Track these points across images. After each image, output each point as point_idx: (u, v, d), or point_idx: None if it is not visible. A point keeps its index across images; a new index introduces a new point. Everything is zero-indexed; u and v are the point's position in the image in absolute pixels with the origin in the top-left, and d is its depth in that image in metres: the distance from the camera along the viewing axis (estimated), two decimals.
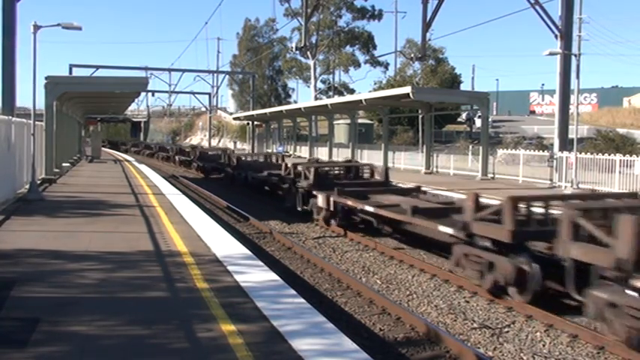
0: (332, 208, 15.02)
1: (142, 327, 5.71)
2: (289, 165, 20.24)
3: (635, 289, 6.87)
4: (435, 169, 32.08)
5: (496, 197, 13.16)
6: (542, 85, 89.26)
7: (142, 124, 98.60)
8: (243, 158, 29.85)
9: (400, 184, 18.47)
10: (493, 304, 9.04)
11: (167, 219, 12.82)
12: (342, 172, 19.07)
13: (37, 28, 16.84)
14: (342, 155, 43.85)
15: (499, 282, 9.00)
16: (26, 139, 17.68)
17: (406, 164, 35.62)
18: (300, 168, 18.67)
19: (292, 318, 6.02)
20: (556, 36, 26.45)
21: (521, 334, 7.86)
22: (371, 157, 39.46)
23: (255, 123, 59.78)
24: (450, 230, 10.24)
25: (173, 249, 9.53)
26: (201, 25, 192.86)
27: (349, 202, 14.32)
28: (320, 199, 15.56)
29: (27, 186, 17.08)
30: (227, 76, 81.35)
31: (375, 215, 13.66)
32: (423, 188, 16.46)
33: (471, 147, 36.23)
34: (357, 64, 67.36)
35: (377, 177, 18.32)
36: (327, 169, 19.01)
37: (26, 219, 12.52)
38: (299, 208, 17.61)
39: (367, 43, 66.53)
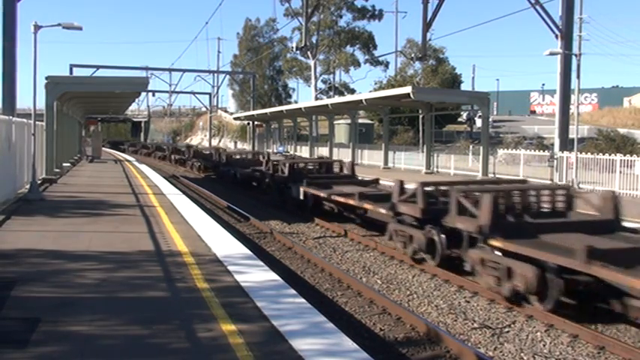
0: (302, 197, 17.25)
1: (142, 327, 5.72)
2: (269, 161, 22.04)
3: (492, 246, 9.07)
4: (435, 169, 32.08)
5: None
6: (543, 85, 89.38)
7: (143, 124, 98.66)
8: (232, 156, 31.86)
9: (364, 177, 20.10)
10: (493, 304, 9.04)
11: (167, 219, 12.82)
12: (315, 167, 21.02)
13: (37, 28, 16.83)
14: (342, 155, 43.85)
15: (417, 250, 11.07)
16: (27, 139, 17.69)
17: (407, 164, 35.62)
18: (278, 164, 20.72)
19: (292, 318, 6.02)
20: (556, 36, 26.45)
21: (521, 334, 7.85)
22: (371, 157, 39.49)
23: (256, 123, 59.79)
24: (383, 210, 12.66)
25: (173, 249, 9.54)
26: (201, 25, 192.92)
27: (314, 191, 16.60)
28: (293, 190, 18.01)
29: (27, 186, 17.10)
30: (227, 76, 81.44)
31: (332, 201, 15.97)
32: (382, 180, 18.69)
33: (471, 147, 36.26)
34: (357, 64, 67.34)
35: (345, 171, 20.33)
36: (301, 164, 20.96)
37: (27, 219, 12.53)
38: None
39: (367, 43, 66.47)
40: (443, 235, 10.42)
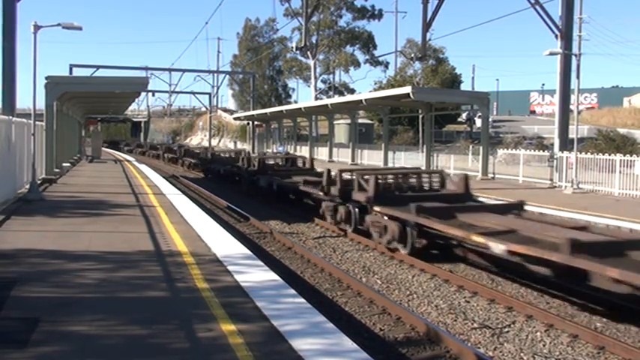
0: (267, 186, 20.91)
1: (142, 327, 5.71)
2: (244, 158, 25.65)
3: (376, 212, 12.69)
4: (435, 169, 32.02)
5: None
6: (543, 85, 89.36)
7: (143, 124, 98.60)
8: (218, 154, 35.29)
9: (319, 170, 22.32)
10: (493, 304, 9.04)
11: (167, 219, 12.82)
12: (283, 162, 25.02)
13: (37, 28, 16.81)
14: (342, 155, 43.84)
15: (339, 220, 14.52)
16: (26, 139, 17.68)
17: (407, 164, 35.58)
18: (250, 160, 24.56)
19: (292, 318, 6.02)
20: (556, 36, 26.41)
21: (521, 334, 7.86)
22: (371, 157, 39.45)
23: (256, 123, 59.74)
24: (317, 192, 16.25)
25: (173, 249, 9.54)
26: (201, 25, 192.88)
27: (276, 181, 20.25)
28: (260, 180, 21.67)
29: (27, 186, 17.09)
30: (227, 76, 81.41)
31: (286, 186, 19.59)
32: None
33: (471, 147, 36.22)
34: (357, 64, 67.22)
35: (307, 165, 24.00)
36: (270, 160, 24.88)
37: (26, 219, 12.53)
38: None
39: (367, 43, 66.39)
40: (357, 209, 13.78)
